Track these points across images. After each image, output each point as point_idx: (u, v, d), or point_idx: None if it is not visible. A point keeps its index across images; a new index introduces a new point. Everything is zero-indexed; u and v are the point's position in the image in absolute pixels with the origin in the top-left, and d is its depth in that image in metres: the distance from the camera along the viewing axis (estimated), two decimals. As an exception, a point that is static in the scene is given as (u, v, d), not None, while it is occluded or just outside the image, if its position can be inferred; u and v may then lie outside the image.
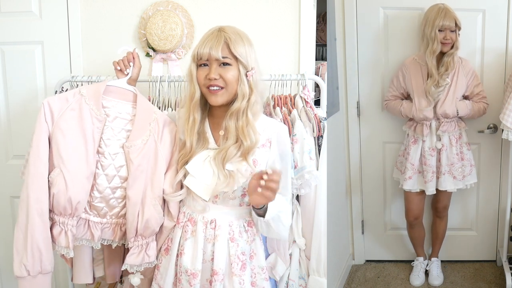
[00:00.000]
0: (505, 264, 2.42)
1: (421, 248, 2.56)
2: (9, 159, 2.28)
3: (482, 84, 2.34)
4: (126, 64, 1.65)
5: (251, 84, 1.48)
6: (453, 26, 2.18)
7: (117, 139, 1.55)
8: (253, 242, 1.56)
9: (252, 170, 1.48)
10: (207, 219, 1.51)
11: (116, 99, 1.58)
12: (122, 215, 1.56)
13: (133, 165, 1.52)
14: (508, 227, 2.43)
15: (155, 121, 1.57)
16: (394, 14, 2.44)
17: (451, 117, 2.27)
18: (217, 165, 1.47)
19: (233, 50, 1.44)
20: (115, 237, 1.58)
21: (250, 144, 1.46)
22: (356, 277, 2.63)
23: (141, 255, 1.54)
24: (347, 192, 2.69)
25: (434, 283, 2.49)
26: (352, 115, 2.59)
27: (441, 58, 2.23)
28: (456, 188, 2.35)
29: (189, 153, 1.51)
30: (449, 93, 2.25)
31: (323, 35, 3.25)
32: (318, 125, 1.78)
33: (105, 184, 1.53)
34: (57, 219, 1.49)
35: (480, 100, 2.31)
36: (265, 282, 1.57)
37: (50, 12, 2.17)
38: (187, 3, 2.13)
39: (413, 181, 2.36)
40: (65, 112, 1.50)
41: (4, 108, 2.25)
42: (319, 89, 1.97)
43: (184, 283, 1.49)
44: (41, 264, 1.46)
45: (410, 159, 2.35)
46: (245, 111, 1.47)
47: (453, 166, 2.32)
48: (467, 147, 2.36)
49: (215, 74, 1.44)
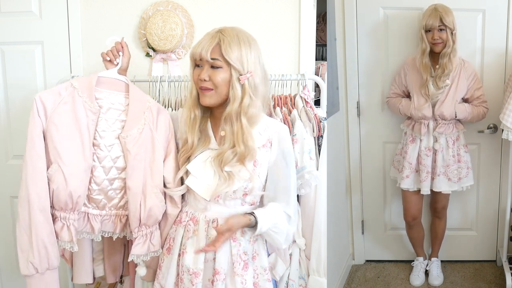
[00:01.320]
0: (505, 264, 2.42)
1: (420, 248, 2.56)
2: (9, 159, 2.29)
3: (483, 87, 2.33)
4: (116, 54, 1.63)
5: (245, 88, 1.46)
6: (436, 25, 2.16)
7: (112, 130, 1.54)
8: (256, 242, 1.56)
9: (252, 173, 1.48)
10: (209, 218, 1.51)
11: (108, 90, 1.57)
12: (121, 206, 1.56)
13: (130, 155, 1.51)
14: (508, 227, 2.43)
15: (149, 109, 1.57)
16: (394, 14, 2.44)
17: (448, 119, 2.26)
18: (216, 167, 1.48)
19: (224, 53, 1.43)
20: (116, 228, 1.58)
21: (244, 151, 1.46)
22: (356, 277, 2.63)
23: (146, 244, 1.54)
24: (347, 192, 2.69)
25: (434, 283, 2.49)
26: (352, 115, 2.59)
27: (437, 60, 2.23)
28: (451, 190, 2.34)
29: (190, 149, 1.52)
30: (448, 94, 2.24)
31: (323, 35, 3.25)
32: (318, 125, 1.78)
33: (103, 176, 1.52)
34: (58, 215, 1.48)
35: (480, 104, 2.29)
36: (268, 283, 1.57)
37: (50, 12, 2.17)
38: (187, 3, 2.13)
39: (411, 180, 2.36)
40: (58, 106, 1.48)
41: (4, 108, 2.25)
42: (319, 89, 1.97)
43: (186, 282, 1.49)
44: (48, 260, 1.46)
45: (408, 157, 2.35)
46: (238, 115, 1.46)
47: (449, 167, 2.30)
48: (464, 149, 2.34)
49: (205, 76, 1.44)
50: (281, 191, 1.53)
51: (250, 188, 1.50)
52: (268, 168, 1.53)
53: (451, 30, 2.17)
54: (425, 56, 2.22)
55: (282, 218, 1.52)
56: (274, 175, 1.53)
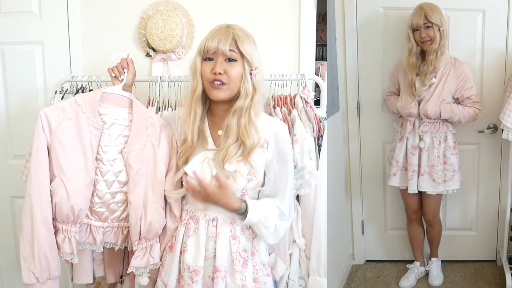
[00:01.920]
0: (505, 264, 2.42)
1: (419, 251, 2.55)
2: (9, 159, 2.29)
3: (480, 87, 2.32)
4: (120, 70, 1.66)
5: (254, 83, 1.48)
6: (422, 23, 2.16)
7: (114, 145, 1.57)
8: (255, 239, 1.57)
9: (253, 169, 1.48)
10: (209, 217, 1.52)
11: (112, 105, 1.60)
12: (123, 219, 1.59)
13: (132, 170, 1.54)
14: (508, 227, 2.43)
15: (151, 125, 1.59)
16: (394, 14, 2.44)
17: (433, 118, 2.24)
18: (217, 164, 1.47)
19: (240, 47, 1.44)
20: (117, 240, 1.61)
21: (251, 143, 1.46)
22: (356, 277, 2.63)
23: (145, 257, 1.57)
24: (347, 192, 2.69)
25: (434, 283, 2.49)
26: (352, 115, 2.59)
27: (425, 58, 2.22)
28: (435, 192, 2.32)
29: (190, 148, 1.52)
30: (434, 93, 2.22)
31: (323, 35, 3.24)
32: (318, 125, 1.78)
33: (105, 189, 1.56)
34: (60, 227, 1.53)
35: (471, 104, 2.25)
36: (267, 278, 1.58)
37: (50, 12, 2.17)
38: (187, 3, 2.13)
39: (397, 177, 2.37)
40: (62, 122, 1.52)
41: (4, 108, 2.25)
42: (319, 89, 1.97)
43: (187, 279, 1.51)
44: (49, 270, 1.50)
45: (395, 156, 2.37)
46: (248, 109, 1.47)
47: (433, 168, 2.28)
48: (451, 151, 2.30)
49: (220, 69, 1.44)
50: (277, 190, 1.54)
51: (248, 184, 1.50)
52: (265, 168, 1.53)
53: (438, 26, 2.16)
54: (412, 55, 2.22)
55: (274, 212, 1.51)
56: (270, 175, 1.53)
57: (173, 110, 1.87)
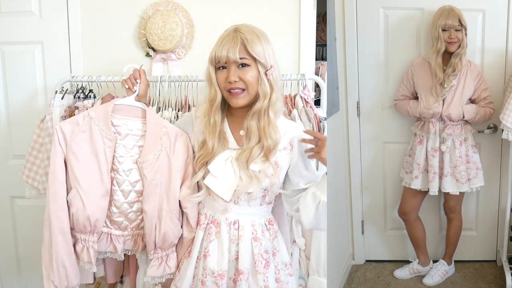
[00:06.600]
0: (505, 264, 2.42)
1: (420, 250, 2.54)
2: (9, 159, 2.29)
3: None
4: (133, 81, 1.66)
5: (271, 82, 1.46)
6: (456, 25, 2.18)
7: (130, 156, 1.59)
8: (275, 239, 1.57)
9: (274, 170, 1.48)
10: (230, 220, 1.51)
11: (126, 116, 1.62)
12: (142, 227, 1.61)
13: (146, 180, 1.56)
14: (508, 227, 2.43)
15: (166, 135, 1.59)
16: (394, 14, 2.43)
17: (456, 120, 2.27)
18: (241, 165, 1.47)
19: (250, 51, 1.42)
20: (138, 247, 1.64)
21: (271, 144, 1.46)
22: (356, 277, 2.63)
23: (161, 266, 1.59)
24: (347, 192, 2.69)
25: (427, 282, 2.49)
26: (352, 115, 2.58)
27: (448, 59, 2.24)
28: (459, 191, 2.33)
29: (210, 153, 1.50)
30: (455, 95, 2.25)
31: (323, 35, 3.25)
32: (318, 125, 1.78)
33: (122, 199, 1.59)
34: (79, 237, 1.57)
35: (486, 105, 2.30)
36: (289, 278, 1.58)
37: (50, 12, 2.17)
38: (187, 3, 2.13)
39: (420, 180, 2.37)
40: (76, 135, 1.56)
41: (4, 108, 2.25)
42: (319, 89, 1.98)
43: (210, 284, 1.50)
44: (67, 279, 1.54)
45: (416, 159, 2.37)
46: (266, 110, 1.46)
47: (456, 168, 2.31)
48: (473, 150, 2.34)
49: (235, 77, 1.42)
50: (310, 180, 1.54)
51: (270, 185, 1.50)
52: (290, 169, 1.54)
53: (466, 30, 2.20)
54: (439, 55, 2.23)
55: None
56: (297, 174, 1.53)
57: (173, 111, 1.88)
